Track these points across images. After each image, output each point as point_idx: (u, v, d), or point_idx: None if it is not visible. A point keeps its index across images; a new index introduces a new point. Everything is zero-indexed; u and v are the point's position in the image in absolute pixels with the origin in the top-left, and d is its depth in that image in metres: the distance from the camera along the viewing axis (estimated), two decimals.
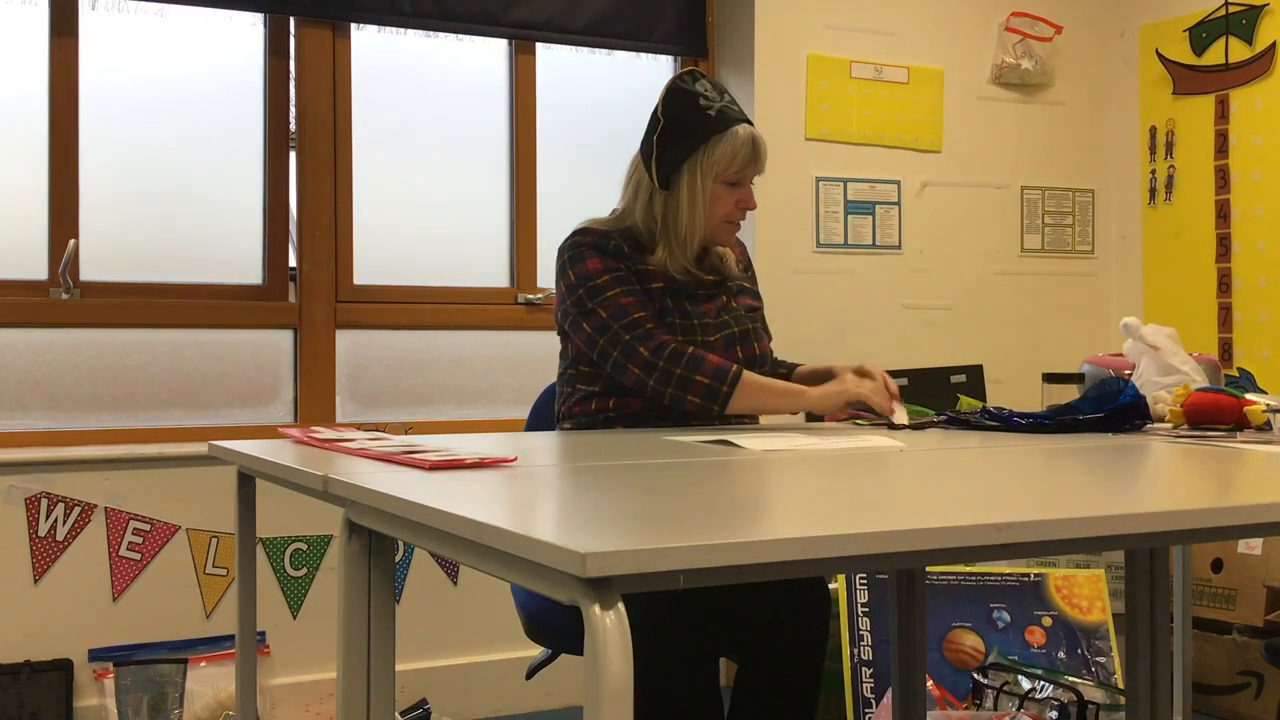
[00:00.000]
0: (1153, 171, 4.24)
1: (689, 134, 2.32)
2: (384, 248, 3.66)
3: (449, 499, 1.26)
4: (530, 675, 2.56)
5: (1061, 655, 3.28)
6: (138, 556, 3.19)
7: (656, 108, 2.35)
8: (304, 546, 3.35)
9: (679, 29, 3.97)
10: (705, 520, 1.18)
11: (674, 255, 2.35)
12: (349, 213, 3.60)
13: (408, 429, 3.54)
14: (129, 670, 3.11)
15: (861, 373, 2.39)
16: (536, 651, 2.51)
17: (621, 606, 0.97)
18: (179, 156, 3.46)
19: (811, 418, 2.65)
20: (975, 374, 4.17)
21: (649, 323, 2.28)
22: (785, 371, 2.54)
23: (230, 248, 3.52)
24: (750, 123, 2.38)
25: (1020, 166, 4.30)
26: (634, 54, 3.95)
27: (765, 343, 2.46)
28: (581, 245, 2.36)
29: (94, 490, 3.15)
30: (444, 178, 3.77)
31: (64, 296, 3.26)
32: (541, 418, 2.57)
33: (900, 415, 2.30)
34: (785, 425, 2.40)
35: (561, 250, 2.38)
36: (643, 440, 2.01)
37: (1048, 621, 3.33)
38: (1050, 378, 2.46)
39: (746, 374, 2.28)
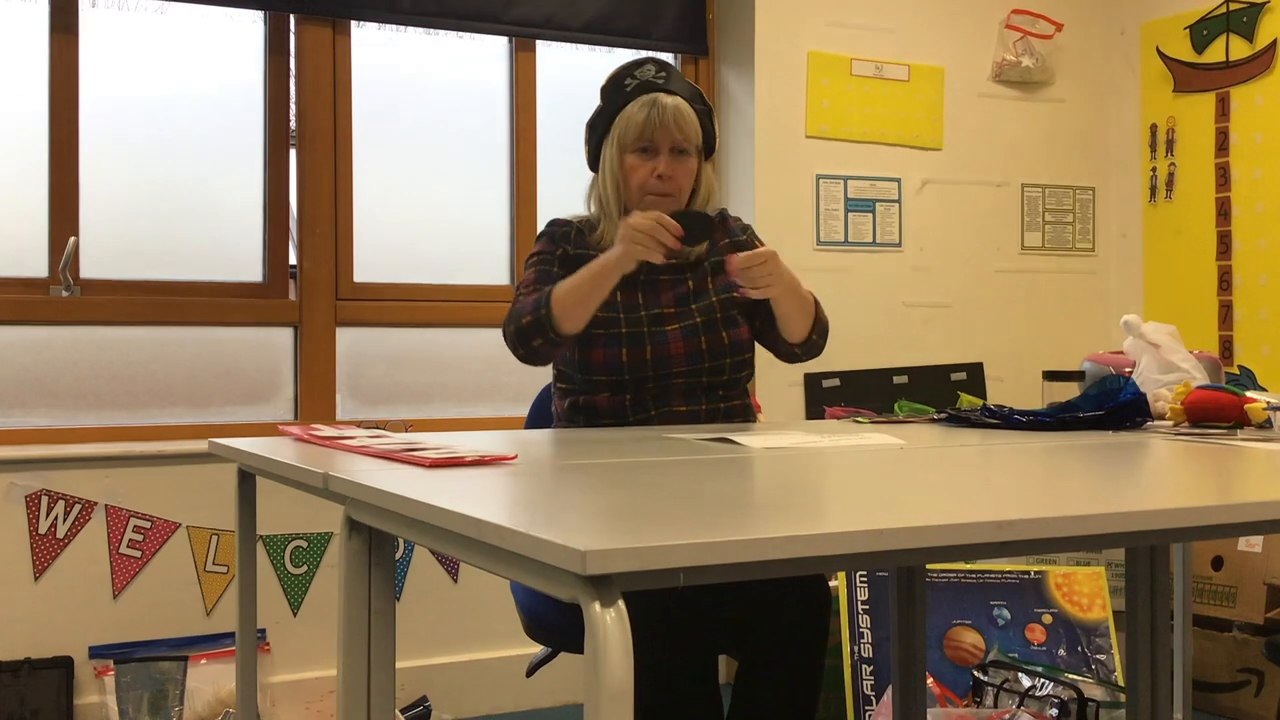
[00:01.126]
0: (1153, 169, 4.24)
1: (604, 113, 2.37)
2: (384, 245, 3.66)
3: (449, 497, 1.27)
4: (531, 673, 2.56)
5: (1062, 653, 3.29)
6: (138, 554, 3.19)
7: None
8: (304, 544, 3.35)
9: (679, 26, 3.97)
10: (705, 518, 1.18)
11: (613, 235, 2.29)
12: (349, 210, 3.60)
13: (408, 426, 3.54)
14: (129, 667, 3.12)
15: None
16: (537, 649, 2.51)
17: (622, 604, 0.97)
18: (179, 154, 3.46)
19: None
20: (975, 372, 4.18)
21: (523, 297, 2.28)
22: None
23: (230, 245, 3.52)
24: (673, 93, 2.32)
25: (1021, 164, 4.30)
26: (634, 51, 3.95)
27: (740, 330, 2.37)
28: (541, 233, 2.43)
29: (94, 488, 3.15)
30: (444, 175, 3.76)
31: (64, 294, 3.26)
32: (541, 415, 2.57)
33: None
34: (786, 424, 2.40)
35: None
36: (643, 438, 2.01)
37: (1048, 619, 3.33)
38: (1050, 375, 2.46)
39: (555, 287, 2.22)
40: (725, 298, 2.38)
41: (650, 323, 2.30)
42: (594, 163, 2.41)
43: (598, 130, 2.39)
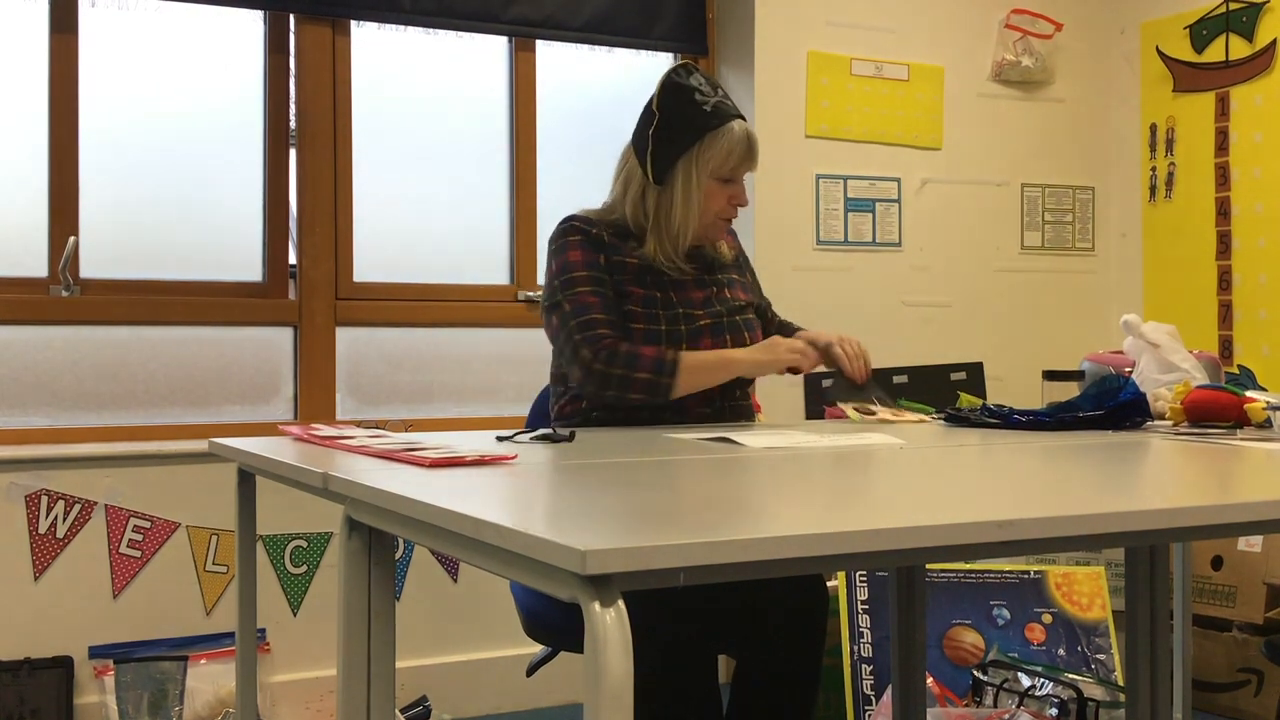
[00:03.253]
0: (1153, 169, 4.24)
1: (684, 130, 2.31)
2: (384, 245, 3.66)
3: (449, 496, 1.26)
4: (530, 672, 2.56)
5: (1061, 652, 3.29)
6: (138, 554, 3.19)
7: (651, 101, 2.34)
8: (304, 544, 3.35)
9: (679, 26, 3.96)
10: (705, 518, 1.18)
11: (664, 249, 2.34)
12: (349, 210, 3.60)
13: (408, 426, 3.54)
14: (129, 667, 3.12)
15: (840, 342, 2.44)
16: (537, 649, 2.51)
17: (621, 604, 0.97)
18: (179, 154, 3.46)
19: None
20: (975, 371, 4.17)
21: (603, 327, 2.26)
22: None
23: (230, 245, 3.52)
24: (743, 118, 2.38)
25: (1020, 164, 4.30)
26: (634, 51, 3.95)
27: (757, 333, 2.46)
28: (569, 235, 2.36)
29: (94, 487, 3.15)
30: (444, 175, 3.76)
31: (64, 293, 3.26)
32: (541, 415, 2.57)
33: (879, 401, 2.32)
34: (786, 423, 2.40)
35: (551, 240, 2.39)
36: (643, 438, 2.01)
37: (1048, 619, 3.33)
38: (1050, 375, 2.46)
39: (683, 357, 2.26)
40: (742, 302, 2.45)
41: (685, 320, 2.33)
42: (660, 175, 2.34)
43: (675, 144, 2.32)
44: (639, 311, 2.30)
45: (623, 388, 2.23)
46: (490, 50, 3.81)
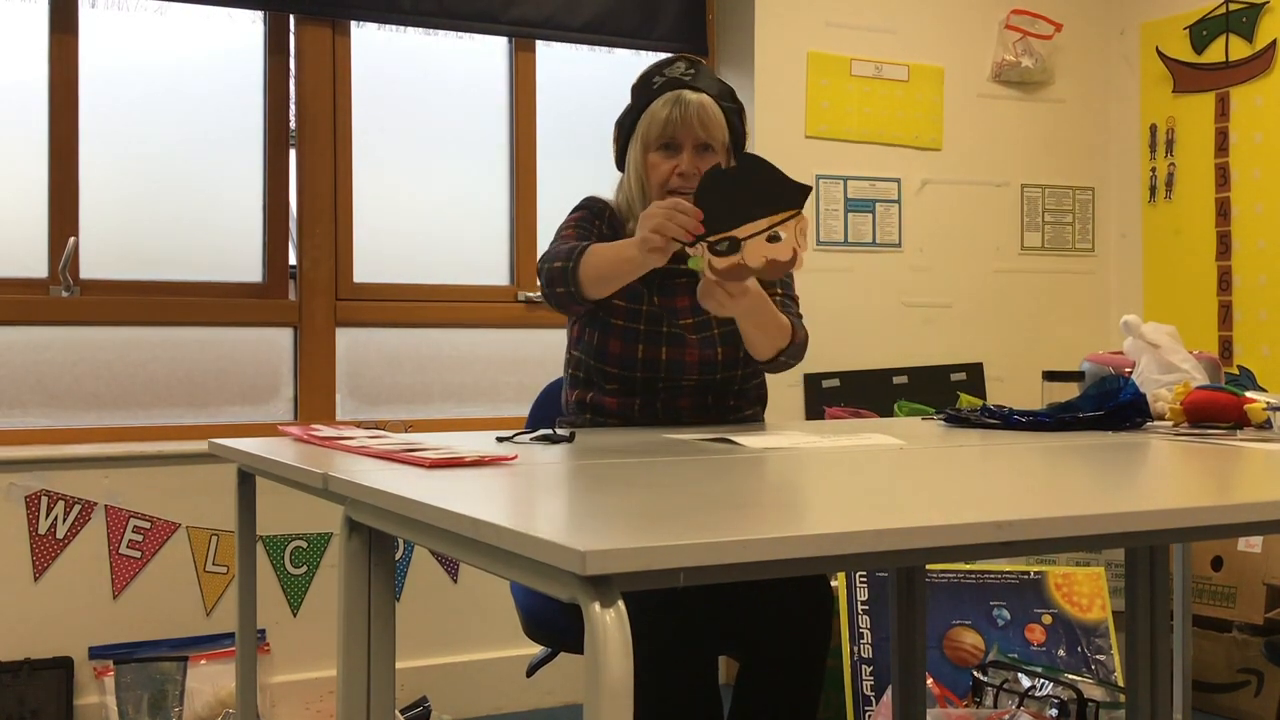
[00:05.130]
0: (1153, 169, 4.24)
1: (632, 111, 2.34)
2: (384, 245, 3.66)
3: (449, 497, 1.26)
4: (531, 673, 2.56)
5: (1061, 653, 3.29)
6: (138, 554, 3.19)
7: None
8: (304, 544, 3.35)
9: (679, 26, 3.96)
10: (705, 518, 1.18)
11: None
12: (349, 210, 3.60)
13: (408, 427, 3.54)
14: (129, 668, 3.12)
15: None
16: (537, 649, 2.50)
17: (621, 604, 0.97)
18: (179, 154, 3.46)
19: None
20: (975, 372, 4.18)
21: (565, 242, 2.24)
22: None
23: (230, 245, 3.52)
24: (702, 90, 2.29)
25: (1020, 164, 4.30)
26: (634, 52, 3.95)
27: None
28: (576, 210, 2.40)
29: (94, 488, 3.15)
30: (444, 175, 3.76)
31: (64, 294, 3.26)
32: (541, 416, 2.56)
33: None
34: (785, 423, 2.40)
35: None
36: (642, 438, 2.01)
37: (1048, 619, 3.33)
38: (1050, 375, 2.46)
39: (592, 247, 2.17)
40: None
41: (669, 325, 2.29)
42: (620, 162, 2.38)
43: (625, 128, 2.35)
44: (621, 307, 2.27)
45: (549, 281, 2.20)
46: (490, 50, 3.81)
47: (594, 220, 2.35)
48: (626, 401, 2.29)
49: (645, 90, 2.32)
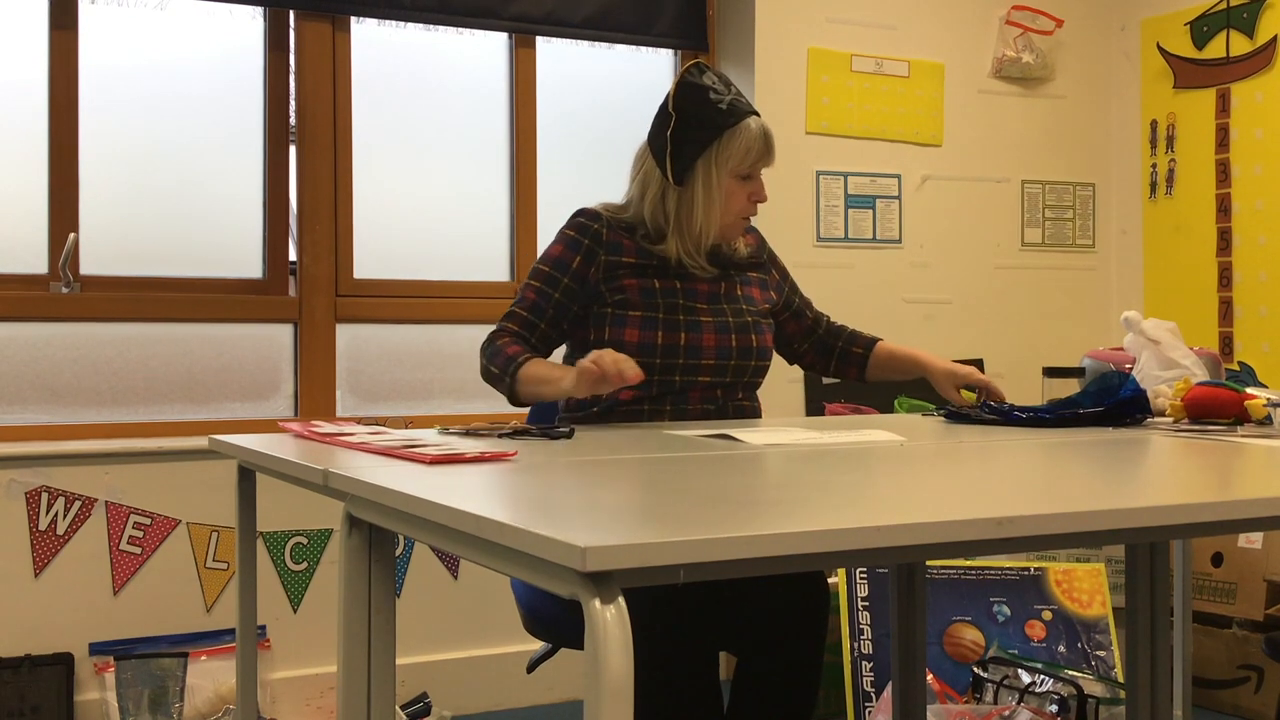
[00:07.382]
0: (1153, 165, 4.24)
1: (701, 129, 2.31)
2: (384, 241, 3.66)
3: (449, 493, 1.27)
4: (531, 669, 2.56)
5: (1062, 649, 3.29)
6: (138, 550, 3.19)
7: (666, 102, 2.33)
8: (304, 540, 3.35)
9: (679, 22, 3.96)
10: (705, 515, 1.18)
11: (686, 249, 2.34)
12: (349, 206, 3.60)
13: (408, 423, 3.54)
14: (130, 664, 3.12)
15: (950, 375, 2.52)
16: (537, 645, 2.51)
17: (622, 601, 0.97)
18: (179, 150, 3.46)
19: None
20: (976, 368, 4.17)
21: (514, 321, 2.32)
22: (862, 351, 2.63)
23: (230, 242, 3.52)
24: (758, 114, 2.37)
25: (1021, 160, 4.29)
26: (634, 47, 3.94)
27: (766, 337, 2.43)
28: (567, 227, 2.39)
29: (94, 484, 3.15)
30: (444, 171, 3.76)
31: (64, 290, 3.26)
32: (542, 414, 2.56)
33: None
34: (785, 420, 2.40)
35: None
36: (643, 435, 2.01)
37: (1048, 615, 3.33)
38: (1050, 372, 2.46)
39: (528, 364, 2.23)
40: (756, 302, 2.44)
41: (686, 312, 2.32)
42: (680, 176, 2.33)
43: (692, 145, 2.31)
44: (636, 300, 2.30)
45: (485, 375, 2.30)
46: (490, 47, 3.81)
47: (575, 253, 2.35)
48: (638, 391, 2.29)
49: (708, 109, 2.31)
